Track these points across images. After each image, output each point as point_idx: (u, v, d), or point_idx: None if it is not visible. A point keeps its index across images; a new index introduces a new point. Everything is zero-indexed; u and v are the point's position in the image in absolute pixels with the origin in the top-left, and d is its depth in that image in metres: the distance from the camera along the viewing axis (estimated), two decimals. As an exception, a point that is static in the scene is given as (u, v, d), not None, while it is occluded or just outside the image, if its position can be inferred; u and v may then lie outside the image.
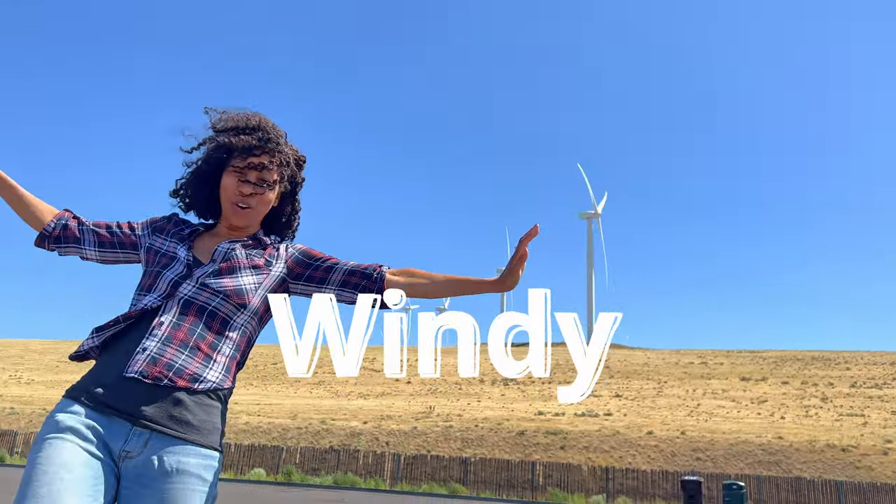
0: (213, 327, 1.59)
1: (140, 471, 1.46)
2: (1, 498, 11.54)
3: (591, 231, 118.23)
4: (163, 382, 1.49)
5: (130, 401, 1.48)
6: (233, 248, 1.71)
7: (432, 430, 38.89)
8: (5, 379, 57.11)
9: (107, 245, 1.81)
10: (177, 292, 1.60)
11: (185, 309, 1.58)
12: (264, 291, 1.67)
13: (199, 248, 1.74)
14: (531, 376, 7.62)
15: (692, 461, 34.38)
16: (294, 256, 1.76)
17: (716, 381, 58.42)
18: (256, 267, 1.69)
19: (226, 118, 1.78)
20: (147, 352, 1.52)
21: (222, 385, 1.58)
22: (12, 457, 25.07)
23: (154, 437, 1.47)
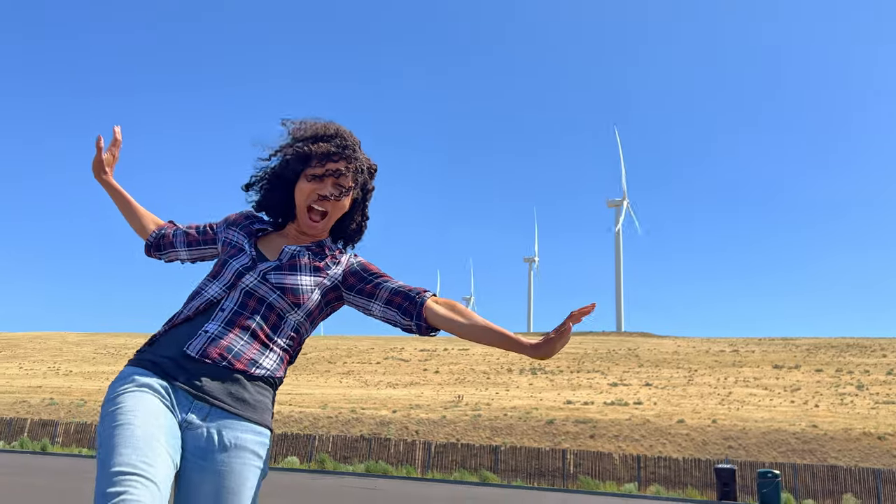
0: (270, 319, 1.67)
1: (199, 443, 1.52)
2: (46, 483, 11.86)
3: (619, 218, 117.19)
4: (221, 364, 1.57)
5: (192, 376, 1.56)
6: (299, 251, 1.77)
7: (461, 419, 39.02)
8: (44, 370, 58.49)
9: (194, 244, 1.96)
10: (240, 282, 1.68)
11: (246, 298, 1.67)
12: (319, 295, 1.74)
13: (266, 245, 1.81)
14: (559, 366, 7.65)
15: (724, 450, 34.05)
16: (352, 267, 1.81)
17: (747, 368, 57.68)
18: (316, 269, 1.76)
19: (304, 127, 1.84)
20: (209, 334, 1.60)
21: (275, 374, 1.66)
22: (53, 446, 25.70)
23: (213, 412, 1.54)
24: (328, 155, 1.77)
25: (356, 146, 1.83)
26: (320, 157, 1.77)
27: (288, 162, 1.80)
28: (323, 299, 1.75)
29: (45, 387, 49.23)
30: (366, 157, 1.88)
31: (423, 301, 1.70)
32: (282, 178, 1.82)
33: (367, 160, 1.88)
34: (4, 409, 39.78)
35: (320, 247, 1.83)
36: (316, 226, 1.79)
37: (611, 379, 53.91)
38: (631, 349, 69.54)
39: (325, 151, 1.77)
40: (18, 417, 30.15)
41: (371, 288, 1.75)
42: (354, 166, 1.80)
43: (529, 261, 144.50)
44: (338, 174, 1.77)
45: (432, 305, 1.69)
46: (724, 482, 19.70)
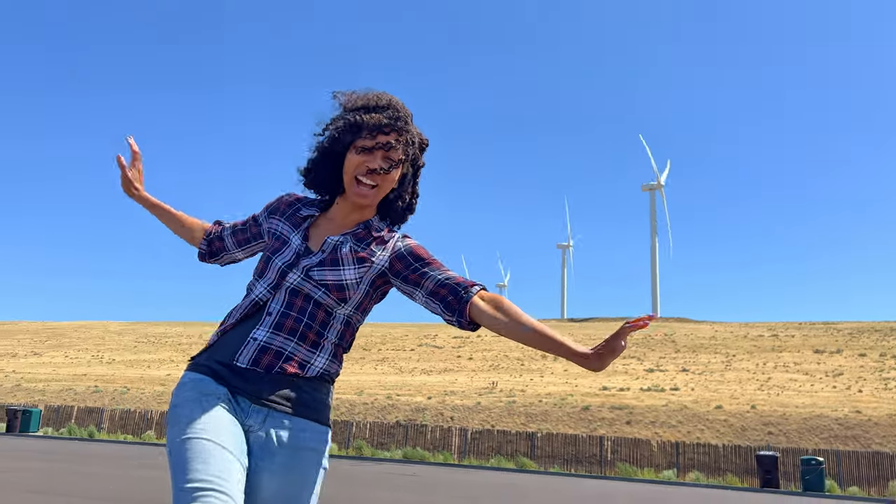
0: (318, 316, 1.63)
1: (261, 445, 1.54)
2: (97, 470, 12.19)
3: (653, 202, 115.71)
4: (274, 370, 1.57)
5: (247, 384, 1.56)
6: (342, 241, 1.71)
7: (496, 406, 39.09)
8: (88, 359, 60.07)
9: (244, 243, 1.92)
10: (284, 281, 1.64)
11: (292, 298, 1.63)
12: (366, 286, 1.68)
13: (314, 234, 1.75)
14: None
15: (764, 436, 33.59)
16: (399, 252, 1.71)
17: (787, 353, 56.70)
18: (361, 259, 1.68)
19: (355, 97, 1.76)
20: (258, 341, 1.59)
21: (329, 370, 1.65)
22: (100, 432, 26.41)
23: (272, 414, 1.56)
24: (379, 126, 1.69)
25: (408, 118, 1.75)
26: (371, 129, 1.68)
27: (338, 134, 1.72)
28: (371, 287, 1.70)
29: (90, 375, 50.59)
30: (418, 131, 1.80)
31: (469, 298, 1.62)
32: (331, 151, 1.74)
33: (419, 134, 1.80)
34: (52, 397, 40.99)
35: (367, 229, 1.75)
36: (366, 197, 1.71)
37: (647, 365, 53.47)
38: (667, 334, 68.83)
39: (376, 122, 1.69)
40: (66, 405, 31.05)
41: (416, 277, 1.67)
42: (405, 139, 1.72)
43: (563, 247, 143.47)
44: (388, 147, 1.69)
45: (478, 303, 1.62)
46: (766, 469, 19.41)
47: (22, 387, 45.34)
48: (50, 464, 13.10)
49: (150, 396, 41.03)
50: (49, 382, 46.88)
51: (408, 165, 1.77)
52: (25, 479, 9.90)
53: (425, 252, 1.72)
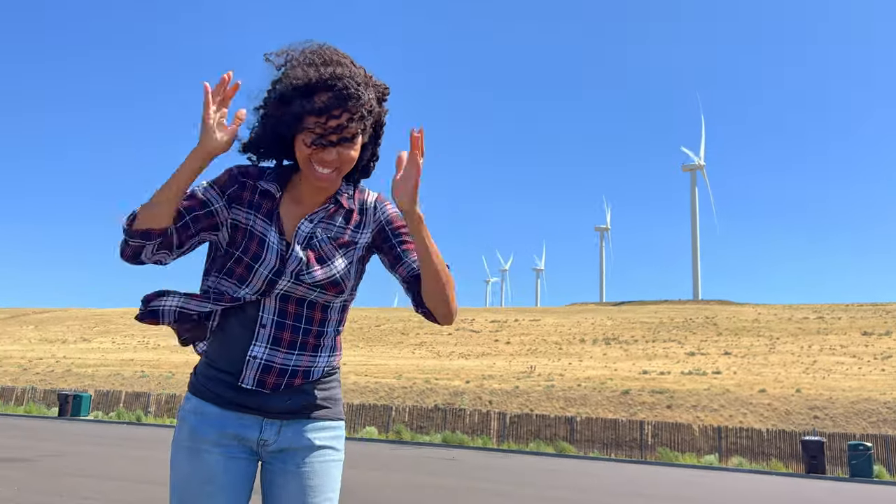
0: (314, 317, 1.57)
1: (280, 455, 1.55)
2: (145, 454, 12.53)
3: (694, 183, 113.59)
4: (280, 388, 1.53)
5: (255, 402, 1.53)
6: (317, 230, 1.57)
7: (534, 390, 39.04)
8: (134, 345, 61.68)
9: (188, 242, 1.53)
10: (273, 289, 1.51)
11: (283, 304, 1.53)
12: (356, 266, 1.62)
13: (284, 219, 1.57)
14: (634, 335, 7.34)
15: (809, 420, 32.94)
16: (380, 226, 1.63)
17: (833, 336, 55.37)
18: (344, 245, 1.59)
19: (292, 72, 1.48)
20: (257, 360, 1.51)
21: (331, 363, 1.62)
22: (147, 416, 27.12)
23: (285, 424, 1.55)
24: (327, 109, 1.44)
25: (360, 86, 1.48)
26: (318, 113, 1.45)
27: (281, 118, 1.48)
28: (360, 264, 1.64)
29: (137, 360, 51.95)
30: (375, 87, 1.55)
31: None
32: (278, 135, 1.51)
33: (377, 88, 1.55)
34: (101, 382, 42.24)
35: (338, 203, 1.60)
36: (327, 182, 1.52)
37: (688, 348, 52.76)
38: (709, 317, 67.74)
39: (321, 106, 1.44)
40: (114, 390, 31.97)
41: (393, 259, 1.62)
42: (360, 112, 1.47)
43: (601, 230, 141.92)
44: (340, 129, 1.46)
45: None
46: (811, 454, 19.03)
47: (72, 372, 46.81)
48: (101, 448, 13.50)
49: (194, 381, 42.00)
50: (98, 368, 48.30)
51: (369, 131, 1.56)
52: (78, 462, 10.21)
53: (399, 221, 1.64)
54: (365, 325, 68.47)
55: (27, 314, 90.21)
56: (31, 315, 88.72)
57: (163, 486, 7.84)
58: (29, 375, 45.97)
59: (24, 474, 8.15)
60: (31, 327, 76.01)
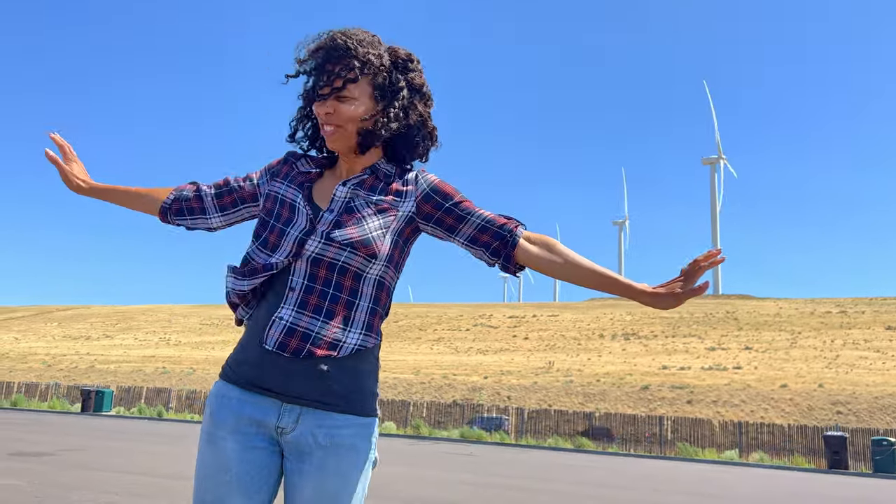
0: (345, 284, 1.48)
1: (296, 446, 1.45)
2: (165, 449, 12.67)
3: (714, 176, 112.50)
4: (302, 354, 1.43)
5: (276, 378, 1.45)
6: (353, 192, 1.55)
7: (552, 385, 38.96)
8: (156, 341, 62.38)
9: (229, 207, 1.68)
10: (303, 250, 1.48)
11: (314, 268, 1.48)
12: (394, 235, 1.52)
13: (319, 192, 1.59)
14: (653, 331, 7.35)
15: (832, 415, 32.56)
16: (424, 193, 1.56)
17: (857, 330, 54.65)
18: (382, 210, 1.52)
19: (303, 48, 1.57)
20: (283, 321, 1.46)
21: (365, 345, 1.49)
22: (168, 412, 27.42)
23: (305, 412, 1.45)
24: (321, 66, 1.51)
25: (355, 41, 1.51)
26: (316, 74, 1.52)
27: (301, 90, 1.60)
28: (400, 238, 1.54)
29: (158, 356, 52.56)
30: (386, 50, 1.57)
31: (516, 241, 1.51)
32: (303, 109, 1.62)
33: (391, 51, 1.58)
34: (123, 378, 42.78)
35: (374, 174, 1.58)
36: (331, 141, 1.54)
37: (708, 343, 52.35)
38: (729, 312, 67.15)
39: (315, 64, 1.52)
40: (136, 385, 32.37)
41: (452, 221, 1.54)
42: (346, 63, 1.49)
43: (619, 224, 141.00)
44: (330, 78, 1.50)
45: (524, 245, 1.51)
46: (834, 450, 18.79)
47: (96, 368, 47.47)
48: (122, 443, 13.66)
49: (214, 377, 42.37)
50: (120, 364, 48.94)
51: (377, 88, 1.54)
52: (99, 457, 10.34)
53: (451, 188, 1.57)
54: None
55: (51, 311, 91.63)
56: (55, 312, 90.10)
57: (182, 481, 7.90)
58: (53, 372, 46.69)
59: (47, 468, 8.26)
60: (56, 324, 77.18)
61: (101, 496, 6.40)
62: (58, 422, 19.32)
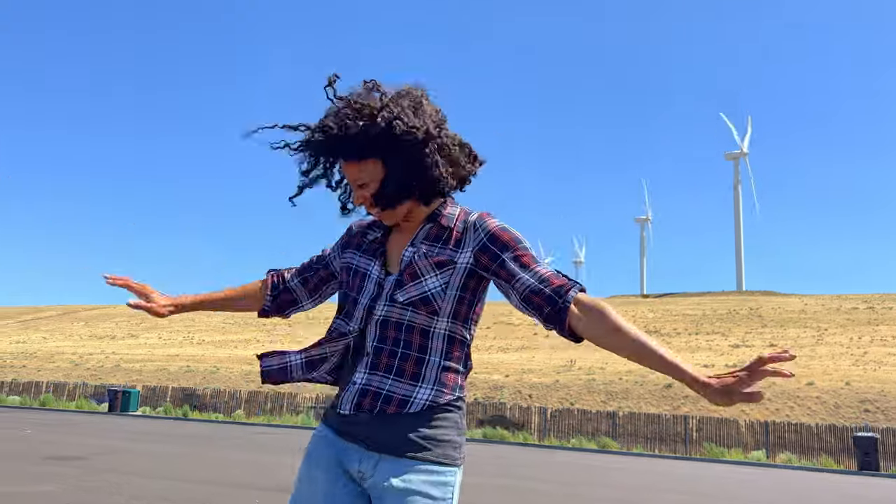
0: (413, 342, 1.50)
1: (375, 491, 1.50)
2: (190, 451, 12.78)
3: (737, 171, 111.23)
4: (375, 413, 1.49)
5: (357, 430, 1.52)
6: (416, 250, 1.54)
7: (574, 384, 38.77)
8: (180, 340, 63.04)
9: (315, 291, 1.79)
10: (372, 316, 1.53)
11: (383, 330, 1.52)
12: (455, 290, 1.50)
13: (392, 254, 1.60)
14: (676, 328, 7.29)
15: (860, 413, 32.07)
16: (481, 242, 1.51)
17: (885, 326, 53.74)
18: (440, 264, 1.51)
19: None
20: (355, 385, 1.52)
21: (437, 400, 1.50)
22: (193, 412, 27.69)
23: (382, 459, 1.49)
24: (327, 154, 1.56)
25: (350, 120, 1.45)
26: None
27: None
28: (463, 291, 1.52)
29: (182, 355, 53.10)
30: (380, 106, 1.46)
31: (566, 309, 1.42)
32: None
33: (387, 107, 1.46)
34: (148, 377, 43.29)
35: (436, 222, 1.56)
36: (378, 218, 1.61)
37: (732, 340, 51.81)
38: (753, 308, 66.39)
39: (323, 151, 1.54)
40: (161, 385, 32.75)
41: (507, 276, 1.48)
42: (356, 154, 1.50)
43: (641, 221, 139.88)
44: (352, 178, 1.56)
45: (575, 313, 1.42)
46: (864, 451, 18.49)
47: (121, 367, 48.07)
48: (149, 445, 13.80)
49: (238, 375, 42.77)
50: (145, 363, 49.52)
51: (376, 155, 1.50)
52: (127, 460, 10.45)
53: (510, 236, 1.51)
54: (404, 320, 68.74)
55: (77, 311, 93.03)
56: (81, 312, 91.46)
57: (208, 485, 7.97)
58: (80, 371, 47.37)
59: (80, 472, 8.37)
60: (82, 324, 78.34)
61: (132, 502, 6.46)
62: (86, 422, 19.60)
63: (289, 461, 11.82)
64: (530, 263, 1.48)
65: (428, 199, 1.56)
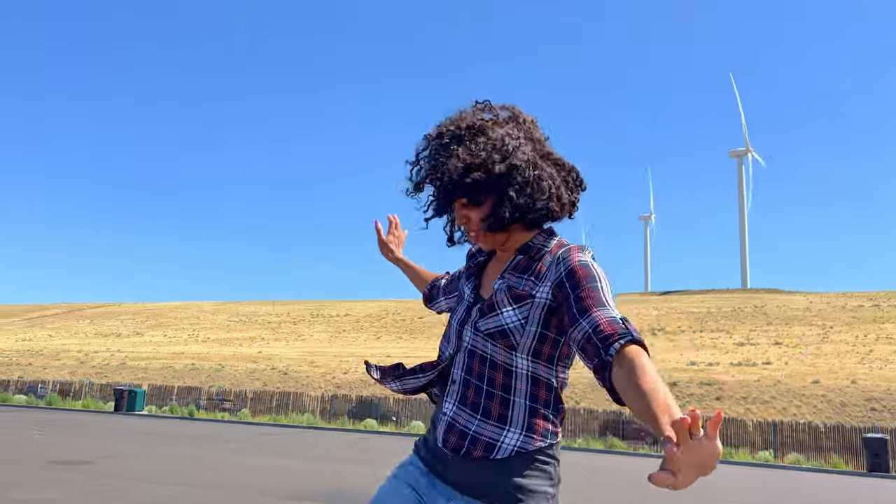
0: (497, 379, 1.42)
1: None
2: (196, 454, 12.75)
3: (741, 168, 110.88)
4: (461, 453, 1.43)
5: (442, 465, 1.49)
6: (503, 281, 1.49)
7: (578, 382, 38.72)
8: (185, 338, 63.14)
9: (450, 293, 1.85)
10: (461, 342, 1.50)
11: (470, 360, 1.46)
12: (536, 326, 1.41)
13: (487, 281, 1.58)
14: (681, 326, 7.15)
15: (866, 412, 31.95)
16: (559, 278, 1.40)
17: (890, 324, 53.58)
18: (519, 297, 1.43)
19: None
20: (446, 416, 1.49)
21: (526, 447, 1.40)
22: (198, 411, 27.71)
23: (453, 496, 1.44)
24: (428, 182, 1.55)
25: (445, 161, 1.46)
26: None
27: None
28: (547, 330, 1.41)
29: (187, 353, 53.18)
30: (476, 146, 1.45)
31: (608, 366, 1.26)
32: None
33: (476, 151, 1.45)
34: (154, 374, 43.38)
35: (527, 253, 1.51)
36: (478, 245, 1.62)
37: (737, 338, 51.67)
38: (758, 306, 66.22)
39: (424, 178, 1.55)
40: (167, 384, 32.78)
41: (568, 317, 1.37)
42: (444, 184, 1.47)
43: (645, 218, 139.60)
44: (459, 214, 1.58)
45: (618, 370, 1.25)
46: (874, 453, 18.39)
47: (126, 365, 48.16)
48: (155, 447, 13.78)
49: (242, 373, 42.81)
50: (151, 360, 49.60)
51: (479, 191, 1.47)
52: (133, 465, 10.42)
53: (585, 274, 1.38)
54: (408, 318, 68.84)
55: (83, 309, 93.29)
56: (86, 310, 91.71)
57: (214, 490, 7.92)
58: (86, 368, 47.47)
59: (85, 477, 8.33)
60: (87, 321, 78.55)
61: (140, 511, 6.42)
62: (92, 423, 19.60)
63: (294, 464, 11.78)
64: (592, 307, 1.33)
65: (532, 227, 1.55)
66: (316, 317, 72.86)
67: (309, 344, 56.10)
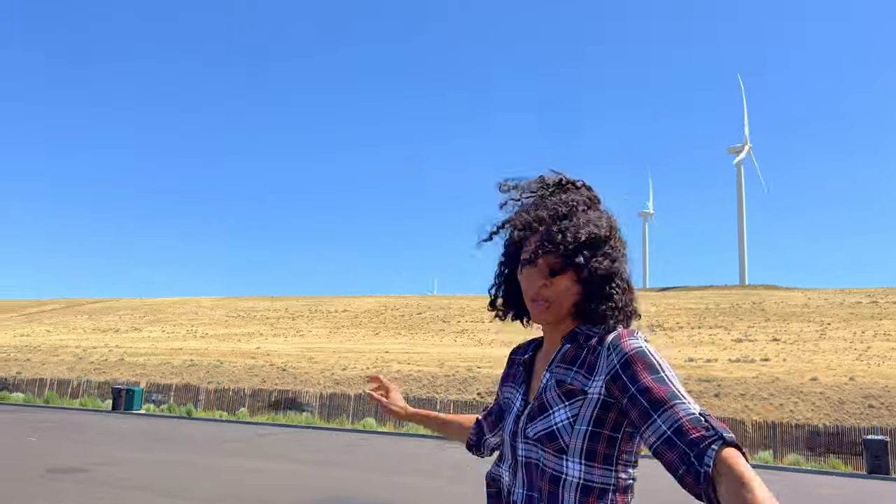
0: (543, 488, 1.26)
1: None
2: (192, 460, 12.69)
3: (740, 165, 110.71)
4: None
5: None
6: (551, 376, 1.33)
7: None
8: (183, 333, 63.06)
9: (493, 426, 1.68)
10: (517, 456, 1.34)
11: (527, 475, 1.31)
12: (587, 425, 1.24)
13: (535, 379, 1.42)
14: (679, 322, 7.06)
15: (864, 409, 31.97)
16: (614, 370, 1.23)
17: (889, 321, 53.60)
18: (570, 394, 1.27)
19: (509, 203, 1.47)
20: None
21: None
22: (197, 409, 27.66)
23: None
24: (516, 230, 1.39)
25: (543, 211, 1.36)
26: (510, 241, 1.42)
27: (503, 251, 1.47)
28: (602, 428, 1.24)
29: (185, 349, 53.12)
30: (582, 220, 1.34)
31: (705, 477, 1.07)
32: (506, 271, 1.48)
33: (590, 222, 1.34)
34: (152, 370, 43.31)
35: (573, 342, 1.34)
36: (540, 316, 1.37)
37: (735, 335, 51.69)
38: (756, 303, 66.24)
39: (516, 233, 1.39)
40: (165, 382, 32.72)
41: (637, 415, 1.19)
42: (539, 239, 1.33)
43: (644, 215, 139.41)
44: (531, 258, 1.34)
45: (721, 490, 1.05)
46: (874, 454, 18.38)
47: (125, 361, 48.10)
48: (152, 454, 13.72)
49: (241, 370, 42.76)
50: (149, 356, 49.53)
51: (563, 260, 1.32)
52: (130, 472, 10.36)
53: (644, 364, 1.21)
54: (406, 313, 68.82)
55: (81, 304, 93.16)
56: (85, 305, 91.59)
57: (208, 502, 7.86)
58: (84, 364, 47.39)
59: (78, 486, 8.27)
60: (85, 317, 78.44)
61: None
62: (90, 423, 19.55)
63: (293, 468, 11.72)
64: (664, 401, 1.15)
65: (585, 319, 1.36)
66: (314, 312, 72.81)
67: (307, 339, 56.06)
